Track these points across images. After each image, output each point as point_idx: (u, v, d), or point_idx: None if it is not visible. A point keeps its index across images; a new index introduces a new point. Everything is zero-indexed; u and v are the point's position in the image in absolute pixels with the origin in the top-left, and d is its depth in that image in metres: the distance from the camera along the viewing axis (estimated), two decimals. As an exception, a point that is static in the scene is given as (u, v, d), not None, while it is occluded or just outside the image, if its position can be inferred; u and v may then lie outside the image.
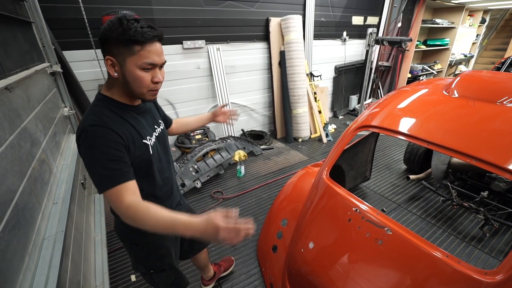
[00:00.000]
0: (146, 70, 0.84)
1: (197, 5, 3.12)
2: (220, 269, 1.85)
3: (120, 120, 0.89)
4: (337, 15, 4.50)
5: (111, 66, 0.84)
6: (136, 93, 0.88)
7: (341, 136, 1.79)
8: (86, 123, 0.83)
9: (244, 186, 3.01)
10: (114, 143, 0.83)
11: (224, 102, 3.67)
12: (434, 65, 6.05)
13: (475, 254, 2.06)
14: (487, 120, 1.35)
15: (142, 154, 0.94)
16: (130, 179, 0.85)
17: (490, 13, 7.31)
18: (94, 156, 0.81)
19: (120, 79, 0.86)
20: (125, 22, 0.78)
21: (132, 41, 0.79)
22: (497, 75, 1.75)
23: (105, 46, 0.82)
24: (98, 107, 0.88)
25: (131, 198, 0.82)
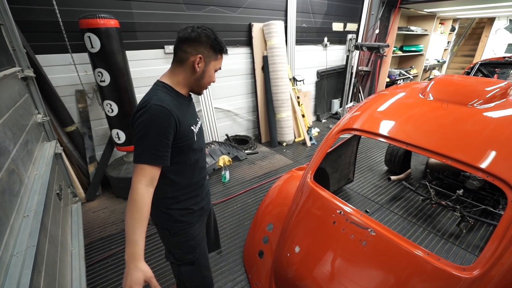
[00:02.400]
0: (216, 71, 1.10)
1: (179, 9, 3.09)
2: None
3: (178, 105, 1.02)
4: (318, 21, 4.61)
5: (197, 63, 1.02)
6: (202, 87, 1.10)
7: (324, 139, 1.81)
8: (152, 101, 0.94)
9: (229, 191, 2.97)
10: (169, 126, 0.95)
11: (207, 106, 3.64)
12: (410, 70, 6.34)
13: (453, 250, 2.14)
14: (460, 122, 1.42)
15: (188, 138, 1.06)
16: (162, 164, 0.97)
17: (459, 22, 7.79)
18: (149, 131, 0.92)
19: (199, 74, 1.05)
20: (215, 33, 1.03)
21: (220, 50, 1.05)
22: (467, 79, 1.85)
23: (195, 46, 1.01)
24: (161, 92, 1.01)
25: (147, 188, 0.93)
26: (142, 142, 0.92)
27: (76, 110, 2.77)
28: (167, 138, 0.95)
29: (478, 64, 3.11)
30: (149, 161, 0.92)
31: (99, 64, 2.32)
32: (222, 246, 2.19)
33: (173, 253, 1.23)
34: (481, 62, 3.11)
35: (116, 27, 2.30)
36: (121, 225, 2.44)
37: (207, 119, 3.68)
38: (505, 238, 1.02)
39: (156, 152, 0.93)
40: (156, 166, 0.95)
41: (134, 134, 0.94)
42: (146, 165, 0.92)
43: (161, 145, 0.94)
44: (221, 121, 3.98)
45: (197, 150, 1.14)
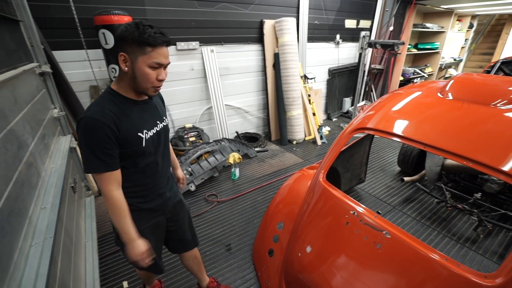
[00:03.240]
0: (153, 69, 0.98)
1: (191, 6, 3.09)
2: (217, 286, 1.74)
3: (120, 112, 1.00)
4: (331, 18, 4.53)
5: (123, 62, 0.97)
6: (141, 87, 1.01)
7: (337, 138, 1.78)
8: (87, 113, 0.96)
9: (238, 188, 2.97)
10: (105, 136, 0.95)
11: (218, 103, 3.64)
12: (425, 68, 6.16)
13: (470, 255, 2.07)
14: (482, 122, 1.36)
15: (134, 145, 1.05)
16: (112, 170, 1.00)
17: (477, 19, 7.51)
18: (87, 142, 0.95)
19: (129, 74, 0.99)
20: (141, 26, 0.93)
21: (146, 43, 0.93)
22: (489, 78, 1.78)
23: (120, 44, 0.95)
24: (103, 99, 1.01)
25: (115, 192, 1.01)
26: (87, 154, 0.96)
27: (90, 106, 2.82)
28: (106, 148, 0.97)
29: (500, 62, 2.99)
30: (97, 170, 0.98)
31: (113, 60, 2.35)
32: (232, 243, 2.19)
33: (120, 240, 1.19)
34: (503, 60, 2.99)
35: (130, 23, 2.32)
36: (133, 219, 2.48)
37: (217, 116, 3.68)
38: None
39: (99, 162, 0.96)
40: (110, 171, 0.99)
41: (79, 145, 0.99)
42: (99, 175, 0.98)
43: (104, 154, 0.97)
44: (231, 118, 3.98)
45: (148, 155, 1.11)
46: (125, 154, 1.03)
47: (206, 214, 2.55)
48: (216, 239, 2.24)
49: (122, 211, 1.03)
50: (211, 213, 2.56)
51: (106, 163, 0.98)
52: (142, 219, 1.18)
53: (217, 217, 2.51)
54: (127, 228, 1.04)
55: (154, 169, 1.18)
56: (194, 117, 3.60)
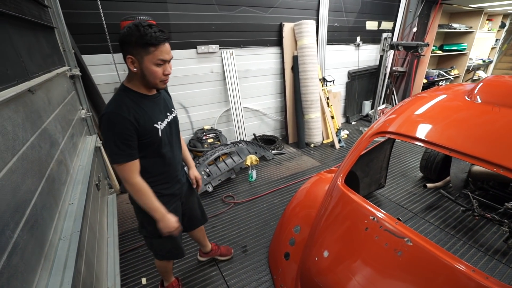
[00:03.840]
0: (159, 66, 1.07)
1: (211, 10, 3.16)
2: (218, 250, 2.00)
3: (136, 107, 1.10)
4: (351, 20, 4.46)
5: (131, 63, 1.05)
6: (151, 83, 1.11)
7: (357, 142, 1.74)
8: (108, 109, 1.06)
9: (255, 191, 2.98)
10: (126, 129, 1.05)
11: (236, 105, 3.69)
12: (451, 71, 5.89)
13: (499, 268, 1.94)
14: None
15: (152, 135, 1.15)
16: (133, 160, 1.10)
17: (510, 18, 7.08)
18: (109, 136, 1.04)
19: (139, 73, 1.08)
20: (141, 28, 0.99)
21: (149, 44, 1.00)
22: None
23: (125, 48, 1.04)
24: (120, 96, 1.10)
25: (138, 179, 1.12)
26: (108, 147, 1.06)
27: (115, 107, 2.95)
28: (127, 139, 1.06)
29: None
30: (121, 161, 1.07)
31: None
32: (248, 244, 2.20)
33: (145, 227, 1.35)
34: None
35: (154, 28, 2.41)
36: (152, 217, 2.56)
37: (236, 118, 3.73)
38: None
39: (121, 152, 1.06)
40: (130, 162, 1.09)
41: (102, 139, 1.09)
42: (122, 165, 1.08)
43: (124, 146, 1.06)
44: (249, 120, 4.01)
45: (164, 144, 1.23)
46: (144, 144, 1.13)
47: (223, 215, 2.58)
48: (232, 240, 2.25)
49: (148, 193, 1.15)
50: (227, 214, 2.58)
51: (129, 154, 1.08)
52: (166, 204, 1.27)
53: (233, 218, 2.53)
54: (156, 206, 1.17)
55: (171, 156, 1.29)
56: (212, 119, 3.67)
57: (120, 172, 1.09)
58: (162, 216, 1.19)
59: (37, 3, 1.59)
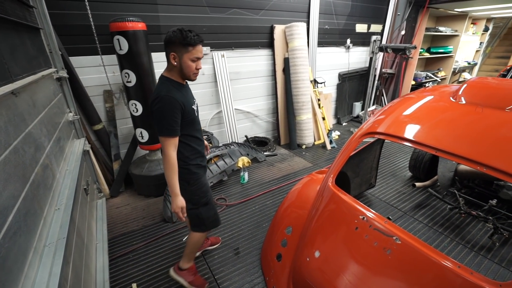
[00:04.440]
0: (193, 61, 1.37)
1: (202, 12, 3.16)
2: (207, 242, 2.12)
3: (179, 92, 1.39)
4: (341, 23, 4.53)
5: (173, 59, 1.35)
6: (186, 75, 1.41)
7: (347, 142, 1.76)
8: (161, 93, 1.33)
9: (247, 192, 2.98)
10: (176, 109, 1.34)
11: (227, 107, 3.68)
12: (438, 72, 6.04)
13: (484, 264, 2.00)
14: (497, 127, 1.32)
15: (191, 114, 1.45)
16: (175, 135, 1.38)
17: (493, 21, 7.33)
18: (163, 114, 1.32)
19: (178, 67, 1.38)
20: (184, 32, 1.30)
21: (188, 44, 1.31)
22: (504, 82, 1.73)
23: (170, 46, 1.34)
24: (166, 84, 1.38)
25: (174, 153, 1.39)
26: (160, 122, 1.33)
27: (104, 110, 2.91)
28: (176, 117, 1.34)
29: (516, 66, 2.91)
30: (170, 134, 1.35)
31: (126, 65, 2.42)
32: (240, 246, 2.19)
33: (191, 201, 1.58)
34: (519, 64, 2.90)
35: (143, 29, 2.39)
36: (142, 221, 2.52)
37: (227, 120, 3.72)
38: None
39: (172, 128, 1.34)
40: (174, 137, 1.37)
41: (154, 117, 1.36)
42: (168, 137, 1.35)
43: (173, 122, 1.34)
44: (240, 122, 4.01)
45: (197, 123, 1.55)
46: (187, 123, 1.42)
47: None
48: (225, 243, 2.24)
49: (175, 169, 1.39)
50: (220, 217, 2.56)
51: (174, 130, 1.35)
52: (204, 174, 1.60)
53: (225, 220, 2.52)
54: (175, 183, 1.41)
55: (201, 134, 1.59)
56: (204, 121, 3.65)
57: (163, 144, 1.36)
58: (176, 194, 1.42)
59: (21, 3, 1.55)
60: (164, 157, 1.38)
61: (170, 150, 1.36)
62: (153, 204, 2.77)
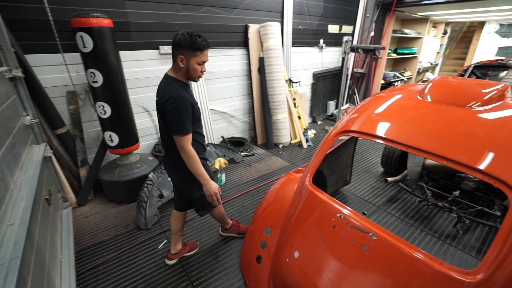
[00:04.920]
0: (199, 65, 1.45)
1: (174, 10, 3.05)
2: (185, 248, 2.08)
3: (186, 92, 1.48)
4: (314, 23, 4.62)
5: (181, 61, 1.42)
6: (191, 77, 1.50)
7: (322, 141, 1.79)
8: (173, 93, 1.41)
9: (225, 194, 2.92)
10: (188, 108, 1.43)
11: (203, 107, 3.59)
12: (404, 72, 6.39)
13: (451, 251, 2.13)
14: (458, 123, 1.41)
15: (197, 112, 1.54)
16: (190, 132, 1.47)
17: (451, 26, 7.91)
18: (179, 114, 1.40)
19: (184, 69, 1.45)
20: (193, 37, 1.37)
21: (197, 49, 1.39)
22: (463, 81, 1.85)
23: (179, 49, 1.41)
24: (174, 84, 1.46)
25: (191, 147, 1.49)
26: (176, 122, 1.41)
27: (67, 112, 2.70)
28: (189, 116, 1.44)
29: (472, 67, 3.15)
30: (185, 132, 1.44)
31: (92, 64, 2.26)
32: (219, 251, 2.14)
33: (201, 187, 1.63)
34: (475, 65, 3.14)
35: (110, 26, 2.25)
36: (114, 230, 2.37)
37: (203, 121, 3.63)
38: (507, 241, 1.01)
39: (186, 126, 1.43)
40: (189, 134, 1.47)
41: (169, 116, 1.43)
42: (185, 135, 1.44)
43: (187, 121, 1.44)
44: (216, 123, 3.94)
45: (200, 120, 1.63)
46: (194, 120, 1.51)
47: (192, 222, 2.48)
48: (202, 247, 2.18)
49: (198, 160, 1.51)
50: (197, 221, 2.49)
51: (189, 127, 1.45)
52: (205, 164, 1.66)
53: (203, 224, 2.45)
54: (203, 172, 1.53)
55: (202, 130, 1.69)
56: (178, 122, 3.53)
57: (181, 141, 1.44)
58: (208, 180, 1.55)
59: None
60: (185, 153, 1.47)
61: (189, 146, 1.47)
62: (126, 211, 2.63)
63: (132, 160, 2.85)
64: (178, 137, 1.44)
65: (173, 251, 2.00)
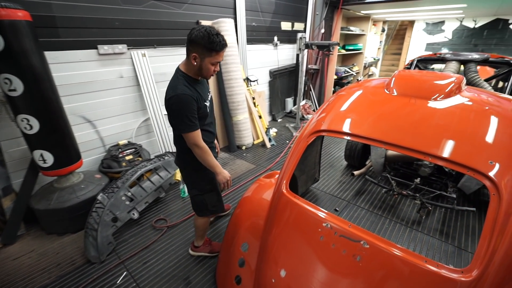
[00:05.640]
0: (213, 65, 1.41)
1: (112, 3, 2.64)
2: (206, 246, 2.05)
3: (193, 89, 1.42)
4: (267, 20, 4.54)
5: (194, 59, 1.37)
6: (203, 75, 1.46)
7: (294, 144, 1.67)
8: (177, 91, 1.36)
9: (189, 207, 2.66)
10: (193, 106, 1.39)
11: (156, 113, 3.23)
12: (353, 67, 6.77)
13: (418, 237, 2.23)
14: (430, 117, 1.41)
15: (203, 110, 1.49)
16: (199, 128, 1.45)
17: (387, 24, 8.65)
18: (182, 113, 1.37)
19: (197, 67, 1.40)
20: (211, 36, 1.29)
21: (213, 50, 1.34)
22: (423, 74, 1.91)
23: (193, 46, 1.34)
24: (180, 80, 1.40)
25: (203, 142, 1.49)
26: (182, 120, 1.38)
27: (-22, 130, 2.14)
28: (194, 113, 1.41)
29: (416, 60, 3.40)
30: (193, 130, 1.41)
31: (5, 68, 1.80)
32: (190, 274, 1.90)
33: (197, 187, 1.71)
34: (418, 59, 3.40)
35: (27, 20, 1.81)
36: (56, 270, 1.94)
37: (157, 127, 3.27)
38: (493, 233, 1.00)
39: (193, 123, 1.41)
40: (197, 130, 1.44)
41: (173, 116, 1.41)
42: (193, 132, 1.42)
43: (193, 118, 1.40)
44: (173, 128, 3.60)
45: (208, 117, 1.59)
46: (198, 117, 1.45)
47: (156, 245, 2.18)
48: (171, 274, 1.91)
49: (210, 153, 1.51)
50: (161, 242, 2.20)
51: (196, 124, 1.42)
52: None
53: (169, 245, 2.17)
54: (216, 163, 1.54)
55: (212, 129, 1.67)
56: (129, 131, 3.12)
57: (192, 138, 1.43)
58: (221, 170, 1.56)
59: None
60: (196, 148, 1.46)
61: (199, 141, 1.46)
62: (71, 244, 2.19)
63: (74, 181, 2.40)
64: (187, 135, 1.43)
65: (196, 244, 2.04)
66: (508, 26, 6.59)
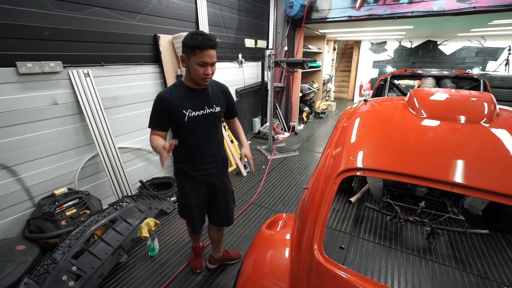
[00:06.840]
0: (201, 66, 1.38)
1: (38, 7, 1.97)
2: (228, 255, 2.05)
3: (177, 94, 1.47)
4: (231, 37, 4.21)
5: (183, 60, 1.42)
6: (194, 78, 1.45)
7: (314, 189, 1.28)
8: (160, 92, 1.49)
9: (163, 271, 2.01)
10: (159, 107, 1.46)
11: (106, 148, 2.52)
12: (313, 84, 6.84)
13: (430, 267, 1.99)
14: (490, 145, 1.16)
15: (179, 119, 1.49)
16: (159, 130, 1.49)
17: (337, 43, 9.19)
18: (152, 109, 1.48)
19: (187, 69, 1.45)
20: (194, 35, 1.34)
21: (195, 47, 1.34)
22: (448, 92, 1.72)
23: (183, 47, 1.39)
24: (172, 85, 1.51)
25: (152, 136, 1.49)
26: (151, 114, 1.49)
27: None
28: (157, 114, 1.47)
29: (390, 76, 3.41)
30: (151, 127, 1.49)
31: None
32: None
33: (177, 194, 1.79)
34: (391, 75, 3.42)
35: None
36: None
37: (109, 166, 2.55)
38: None
39: (151, 121, 1.49)
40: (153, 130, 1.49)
41: None
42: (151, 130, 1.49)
43: (154, 117, 1.48)
44: (129, 164, 2.89)
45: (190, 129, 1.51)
46: (174, 125, 1.51)
47: None
48: None
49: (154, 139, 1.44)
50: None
51: (155, 124, 1.48)
52: (187, 182, 1.63)
53: None
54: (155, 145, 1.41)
55: (197, 144, 1.57)
56: (69, 175, 2.34)
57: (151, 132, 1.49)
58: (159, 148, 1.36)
59: None
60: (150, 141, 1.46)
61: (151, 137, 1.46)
62: None
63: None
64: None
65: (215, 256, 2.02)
66: (437, 47, 7.52)
